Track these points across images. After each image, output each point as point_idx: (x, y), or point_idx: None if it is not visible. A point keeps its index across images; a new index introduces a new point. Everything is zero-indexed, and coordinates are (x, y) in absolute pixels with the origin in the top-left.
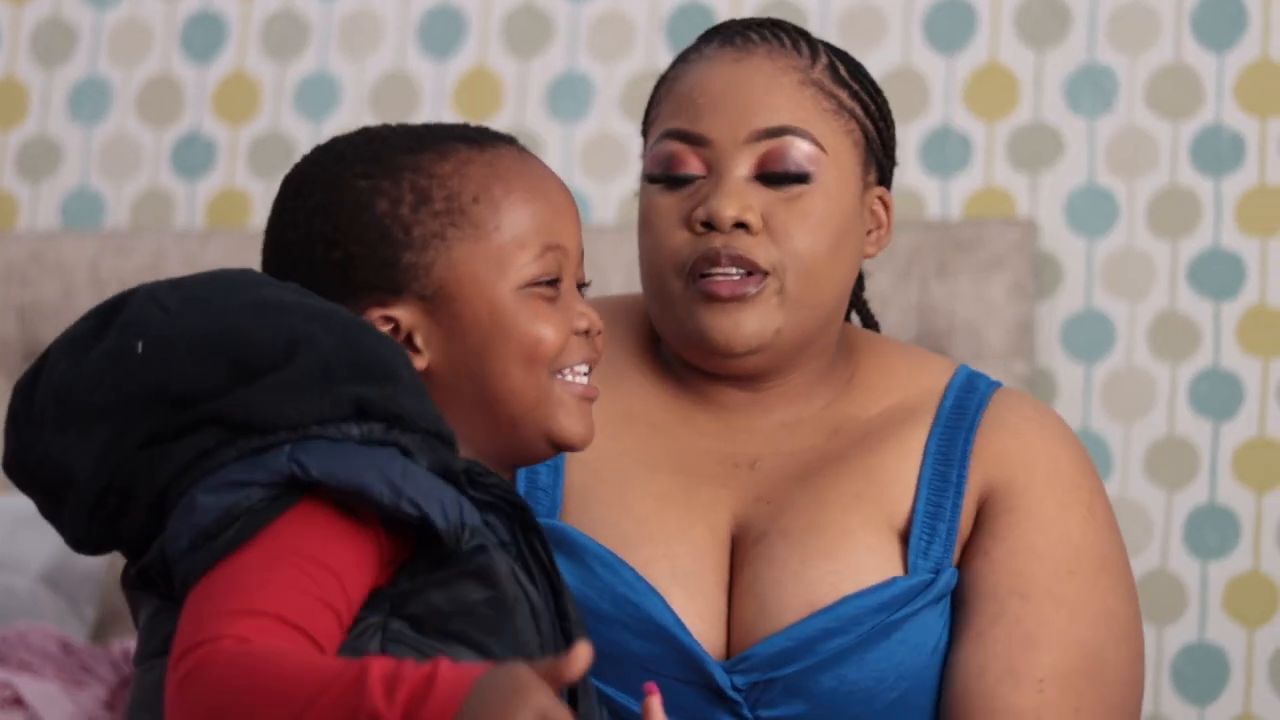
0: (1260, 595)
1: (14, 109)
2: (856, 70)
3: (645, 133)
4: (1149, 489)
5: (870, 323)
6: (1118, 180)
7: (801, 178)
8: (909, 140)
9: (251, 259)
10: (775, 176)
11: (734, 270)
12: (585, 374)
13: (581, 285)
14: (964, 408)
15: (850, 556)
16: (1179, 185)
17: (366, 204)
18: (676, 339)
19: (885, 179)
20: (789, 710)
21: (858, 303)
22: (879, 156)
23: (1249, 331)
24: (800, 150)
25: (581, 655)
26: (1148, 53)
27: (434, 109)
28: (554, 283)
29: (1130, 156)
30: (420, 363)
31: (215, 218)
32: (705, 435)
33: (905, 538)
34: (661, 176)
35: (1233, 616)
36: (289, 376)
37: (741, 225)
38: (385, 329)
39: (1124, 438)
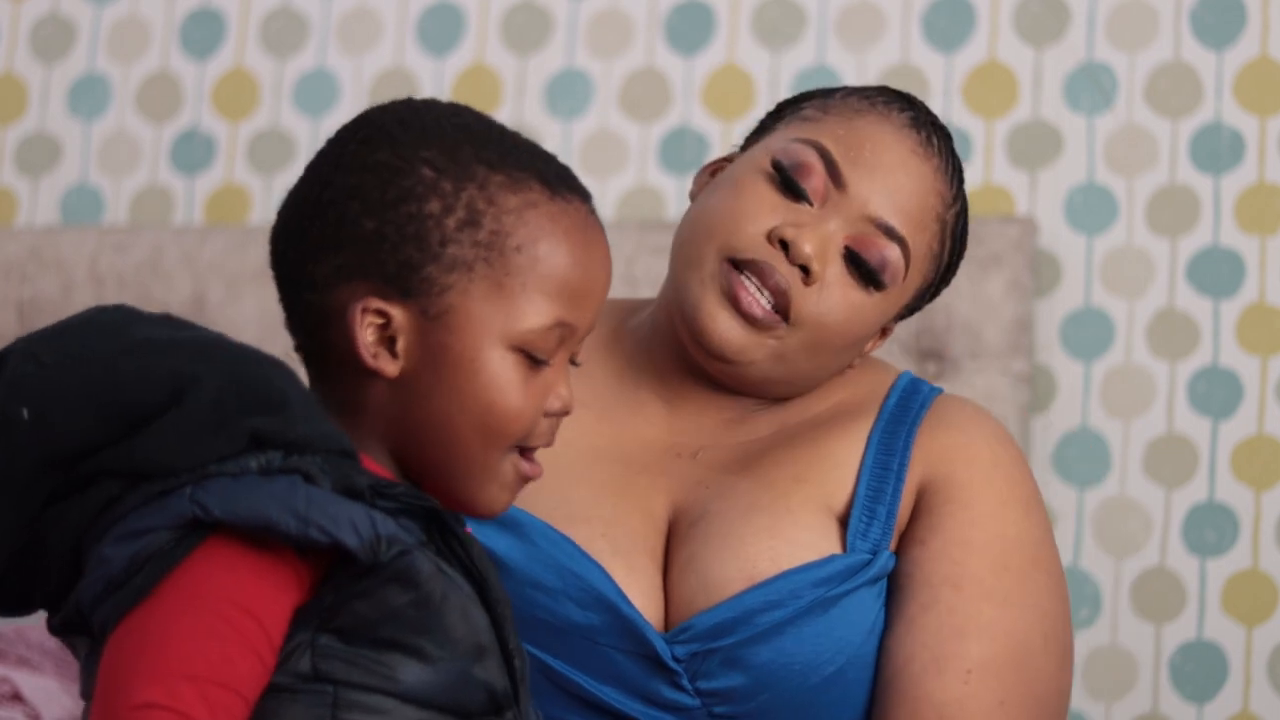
0: (1259, 593)
1: (13, 105)
2: (964, 231)
3: (785, 108)
4: (1148, 487)
5: None
6: (1117, 178)
7: (877, 283)
8: None
9: (251, 255)
10: (860, 262)
11: (766, 296)
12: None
13: (574, 361)
14: (908, 405)
15: (790, 533)
16: (1178, 183)
17: (420, 195)
18: (676, 294)
19: (903, 315)
20: (728, 682)
21: None
22: (918, 304)
23: (1248, 329)
24: (894, 263)
25: None
26: (1147, 50)
27: None
28: (543, 361)
29: (1129, 154)
30: (392, 369)
31: (214, 214)
32: (652, 425)
33: (844, 522)
34: (783, 172)
35: (1231, 614)
36: (180, 418)
37: (806, 270)
38: (376, 322)
39: (1123, 435)
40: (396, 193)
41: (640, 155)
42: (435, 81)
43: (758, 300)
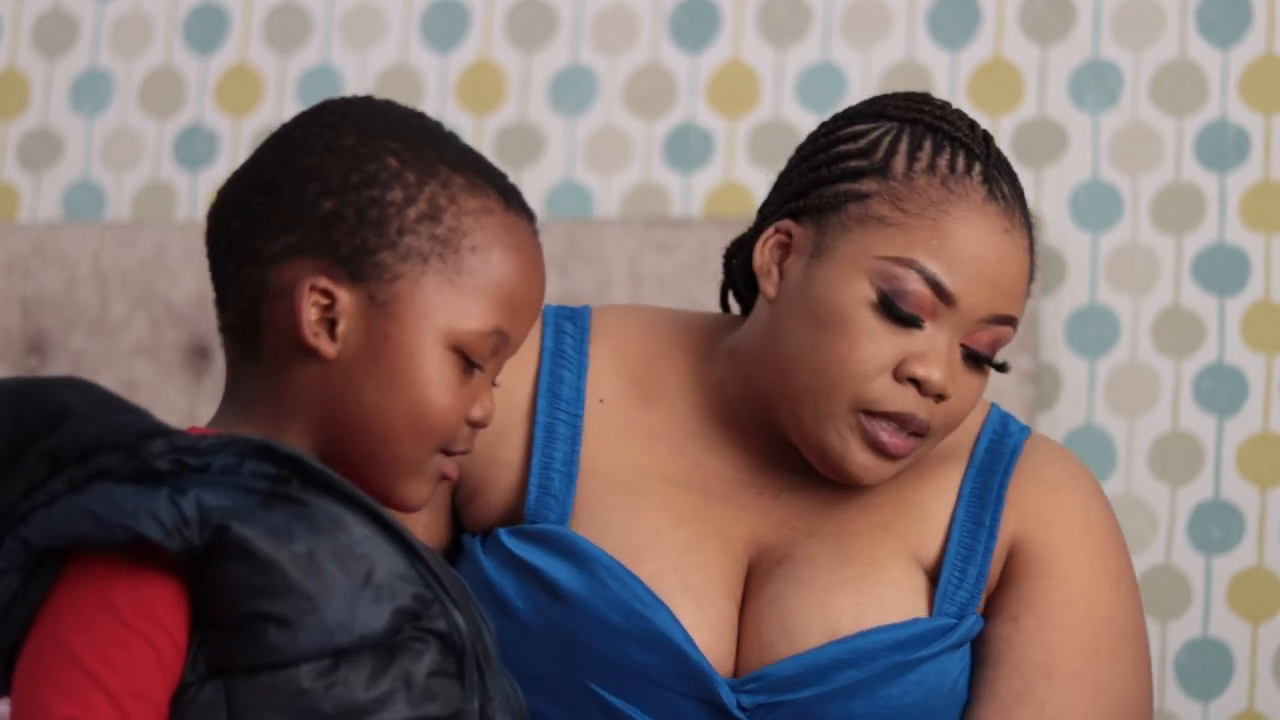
0: (1264, 590)
1: (15, 100)
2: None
3: (840, 179)
4: (1153, 484)
5: None
6: (1122, 176)
7: (995, 364)
8: None
9: None
10: (978, 357)
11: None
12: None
13: (495, 382)
14: (998, 452)
15: (876, 589)
16: (1183, 181)
17: (384, 182)
18: (807, 439)
19: None
20: None
21: None
22: None
23: (1253, 327)
24: (1006, 337)
25: None
26: (1152, 48)
27: (437, 102)
28: (477, 365)
29: (1135, 152)
30: (330, 350)
31: None
32: (732, 466)
33: (933, 575)
34: (891, 307)
35: (1236, 612)
36: None
37: (941, 396)
38: (321, 302)
39: (1128, 433)
40: (360, 177)
41: (645, 152)
42: (439, 77)
43: (902, 440)
